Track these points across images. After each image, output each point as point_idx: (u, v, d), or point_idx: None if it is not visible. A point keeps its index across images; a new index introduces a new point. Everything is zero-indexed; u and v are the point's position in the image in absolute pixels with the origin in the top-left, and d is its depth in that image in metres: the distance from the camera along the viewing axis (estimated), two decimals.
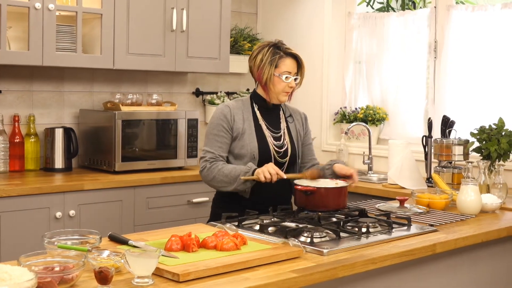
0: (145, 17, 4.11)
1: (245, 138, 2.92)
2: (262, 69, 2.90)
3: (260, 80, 2.93)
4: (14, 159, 3.95)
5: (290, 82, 2.91)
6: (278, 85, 2.91)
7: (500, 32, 3.95)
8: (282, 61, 2.90)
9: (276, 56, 2.89)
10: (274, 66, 2.89)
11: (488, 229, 2.65)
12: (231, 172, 2.80)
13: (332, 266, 2.06)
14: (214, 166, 2.85)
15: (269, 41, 2.99)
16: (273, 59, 2.89)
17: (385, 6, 5.01)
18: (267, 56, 2.90)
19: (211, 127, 2.94)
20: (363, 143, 4.57)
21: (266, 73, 2.89)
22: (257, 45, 3.00)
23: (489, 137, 3.29)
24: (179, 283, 1.84)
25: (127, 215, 3.80)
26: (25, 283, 1.59)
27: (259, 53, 2.93)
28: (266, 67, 2.89)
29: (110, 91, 4.40)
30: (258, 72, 2.92)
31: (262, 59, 2.90)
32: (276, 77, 2.89)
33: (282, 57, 2.90)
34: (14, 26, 3.79)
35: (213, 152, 2.89)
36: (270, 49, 2.91)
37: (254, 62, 2.94)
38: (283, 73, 2.90)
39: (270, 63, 2.89)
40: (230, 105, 2.97)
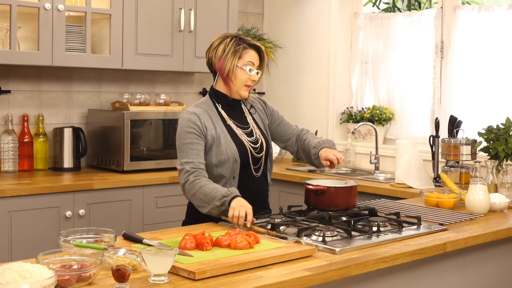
0: (153, 18, 4.13)
1: (222, 144, 2.74)
2: (224, 59, 2.74)
3: (221, 71, 2.76)
4: (23, 158, 3.98)
5: (253, 75, 2.77)
6: (240, 77, 2.76)
7: (506, 32, 3.97)
8: (246, 52, 2.76)
9: (240, 47, 2.75)
10: (237, 57, 2.74)
11: (497, 228, 2.67)
12: (211, 193, 2.57)
13: (345, 264, 2.08)
14: (197, 181, 2.62)
15: (229, 33, 2.84)
16: (236, 50, 2.74)
17: (391, 6, 5.02)
18: (230, 46, 2.74)
19: (181, 137, 2.71)
20: (369, 142, 4.59)
21: (228, 64, 2.73)
22: (216, 37, 2.84)
23: (497, 137, 3.31)
24: (195, 281, 1.86)
25: (136, 214, 3.83)
26: (46, 281, 1.61)
27: (220, 44, 2.77)
28: (229, 57, 2.74)
29: (118, 91, 4.43)
30: (219, 62, 2.75)
31: (224, 49, 2.74)
32: (239, 69, 2.75)
33: (246, 48, 2.77)
34: (23, 27, 3.82)
35: (192, 161, 2.66)
36: (233, 39, 2.77)
37: (215, 52, 2.77)
38: (247, 63, 2.75)
39: (234, 53, 2.74)
40: (196, 112, 2.75)
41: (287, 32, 5.13)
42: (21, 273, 1.61)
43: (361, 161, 4.63)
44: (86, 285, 1.81)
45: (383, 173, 4.30)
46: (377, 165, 4.35)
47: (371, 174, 4.33)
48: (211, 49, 2.80)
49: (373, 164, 4.36)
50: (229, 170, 2.75)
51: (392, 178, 4.03)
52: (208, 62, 2.83)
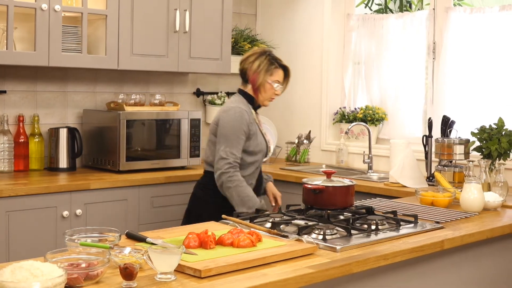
0: (148, 18, 4.16)
1: (257, 137, 3.31)
2: (258, 74, 3.30)
3: (253, 83, 3.32)
4: (18, 158, 3.99)
5: (277, 90, 3.34)
6: (268, 91, 3.33)
7: (497, 34, 4.02)
8: (276, 71, 3.33)
9: (272, 66, 3.31)
10: (269, 74, 3.31)
11: (492, 226, 2.72)
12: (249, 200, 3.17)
13: (346, 262, 2.12)
14: (236, 178, 3.19)
15: (263, 49, 3.42)
16: (269, 68, 3.30)
17: (383, 7, 5.08)
18: (265, 63, 3.31)
19: (235, 129, 3.22)
20: (362, 142, 4.64)
21: (260, 78, 3.30)
22: (252, 51, 3.39)
23: (490, 137, 3.36)
24: (200, 279, 1.89)
25: (132, 214, 3.85)
26: (57, 279, 1.63)
27: (256, 59, 3.31)
28: (262, 73, 3.30)
29: (113, 92, 4.44)
30: (253, 75, 3.31)
31: (259, 65, 3.30)
32: (268, 84, 3.31)
33: (277, 67, 3.33)
34: (19, 27, 3.83)
35: (236, 156, 3.21)
36: (267, 58, 3.32)
37: (250, 66, 3.32)
38: (274, 81, 3.32)
39: (266, 71, 3.30)
40: (247, 110, 3.29)
41: (280, 33, 5.16)
42: (32, 272, 1.63)
43: (354, 161, 4.68)
44: (94, 284, 1.83)
45: (376, 173, 4.35)
46: (370, 165, 4.39)
47: (365, 173, 4.37)
48: (247, 61, 3.35)
49: (366, 163, 4.41)
50: (258, 160, 3.36)
51: (385, 177, 4.08)
52: (242, 71, 3.38)
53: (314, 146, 4.86)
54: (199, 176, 4.11)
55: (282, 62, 3.36)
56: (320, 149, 4.88)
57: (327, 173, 2.84)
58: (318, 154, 4.88)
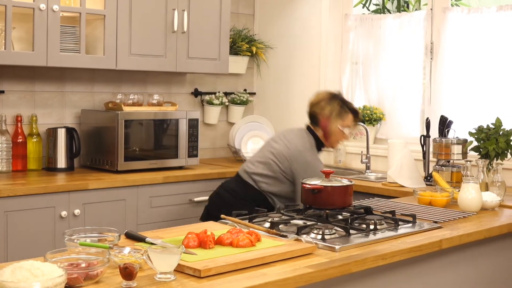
0: (147, 18, 4.16)
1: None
2: (329, 120, 3.38)
3: (325, 129, 3.40)
4: (16, 159, 3.98)
5: (347, 135, 3.45)
6: (338, 136, 3.42)
7: (495, 34, 4.04)
8: (347, 115, 3.40)
9: (343, 111, 3.39)
10: (340, 120, 3.38)
11: (490, 226, 2.73)
12: None
13: (345, 261, 2.13)
14: None
15: (332, 93, 3.47)
16: (340, 113, 3.38)
17: (381, 7, 5.09)
18: (336, 109, 3.38)
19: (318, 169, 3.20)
20: (360, 142, 4.65)
21: (332, 125, 3.38)
22: (322, 96, 3.45)
23: (488, 137, 3.37)
24: (200, 279, 1.90)
25: (130, 214, 3.85)
26: (57, 279, 1.64)
27: (328, 105, 3.39)
28: (334, 119, 3.37)
29: (111, 92, 4.45)
30: (325, 121, 3.38)
31: (331, 111, 3.38)
32: (339, 129, 3.39)
33: (347, 112, 3.40)
34: (17, 27, 3.82)
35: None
36: (338, 103, 3.39)
37: (322, 111, 3.39)
38: (345, 126, 3.40)
39: (338, 116, 3.37)
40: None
41: (278, 33, 5.17)
42: (32, 271, 1.64)
43: (352, 160, 4.69)
44: (94, 283, 1.83)
45: (374, 173, 4.36)
46: (368, 165, 4.40)
47: (362, 173, 4.38)
48: (318, 106, 3.42)
49: (364, 163, 4.42)
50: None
51: (383, 177, 4.09)
52: (312, 114, 3.44)
53: None
54: (197, 176, 4.16)
55: (352, 106, 3.43)
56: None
57: (325, 172, 2.84)
58: None
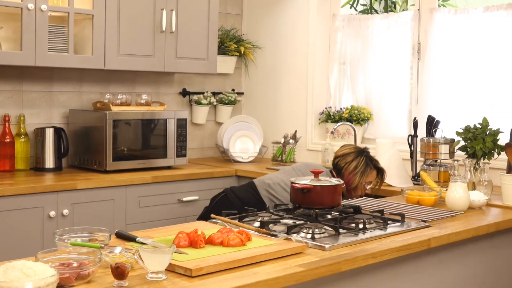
0: (135, 18, 4.15)
1: None
2: (354, 175, 3.36)
3: (348, 184, 3.37)
4: (4, 159, 3.97)
5: (368, 190, 3.43)
6: (360, 191, 3.41)
7: (482, 34, 4.07)
8: (371, 172, 3.40)
9: (368, 168, 3.38)
10: (364, 176, 3.37)
11: (477, 225, 2.76)
12: None
13: (336, 260, 2.14)
14: None
15: (359, 148, 3.47)
16: (365, 171, 3.37)
17: (368, 8, 5.11)
18: (362, 166, 3.37)
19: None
20: (348, 142, 4.66)
21: (356, 181, 3.36)
22: (349, 149, 3.45)
23: (475, 136, 3.40)
24: (191, 278, 1.90)
25: (119, 214, 3.85)
26: (49, 279, 1.64)
27: (354, 160, 3.38)
28: (358, 175, 3.36)
29: (99, 91, 4.44)
30: (349, 175, 3.37)
31: (356, 166, 3.37)
32: (362, 185, 3.39)
33: (372, 169, 3.40)
34: (5, 27, 3.81)
35: None
36: (364, 159, 3.39)
37: (347, 166, 3.38)
38: (368, 182, 3.41)
39: (362, 173, 3.37)
40: None
41: (266, 33, 5.18)
42: (24, 271, 1.64)
43: None
44: (85, 283, 1.83)
45: None
46: None
47: None
48: (344, 160, 3.41)
49: None
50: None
51: None
52: (337, 165, 3.44)
53: (300, 146, 4.88)
54: (186, 176, 4.16)
55: (378, 165, 3.44)
56: (306, 149, 4.90)
57: (314, 172, 2.85)
58: (304, 153, 4.90)
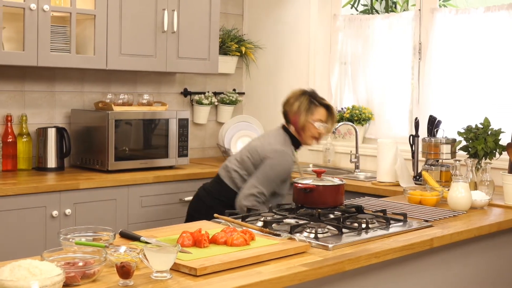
0: (137, 18, 4.16)
1: (287, 182, 3.37)
2: (298, 115, 3.32)
3: (295, 124, 3.35)
4: (6, 158, 3.98)
5: (320, 129, 3.35)
6: (310, 131, 3.34)
7: (483, 34, 4.08)
8: (317, 109, 3.34)
9: (312, 106, 3.33)
10: (310, 114, 3.32)
11: (480, 224, 2.77)
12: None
13: (339, 260, 2.15)
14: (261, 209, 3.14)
15: (303, 89, 3.42)
16: (309, 107, 3.32)
17: (369, 8, 5.12)
18: (304, 104, 3.33)
19: (276, 173, 3.28)
20: (349, 142, 4.68)
21: (302, 119, 3.32)
22: (292, 93, 3.41)
23: (476, 136, 3.41)
24: (196, 277, 1.91)
25: (121, 213, 3.86)
26: (55, 278, 1.65)
27: (296, 101, 3.35)
28: (302, 113, 3.31)
29: (101, 91, 4.45)
30: (294, 117, 3.34)
31: (299, 106, 3.33)
32: (310, 124, 3.32)
33: (317, 106, 3.35)
34: (8, 27, 3.81)
35: (267, 196, 3.28)
36: (306, 97, 3.35)
37: (290, 108, 3.35)
38: (316, 120, 3.32)
39: (306, 110, 3.31)
40: (293, 156, 3.36)
41: (267, 33, 5.19)
42: (31, 270, 1.65)
43: (340, 160, 4.71)
44: (91, 282, 1.84)
45: (363, 172, 4.39)
46: (357, 164, 4.43)
47: (351, 173, 4.41)
48: (287, 104, 3.38)
49: (353, 163, 4.45)
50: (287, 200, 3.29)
51: (372, 176, 4.12)
52: (284, 112, 3.41)
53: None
54: (188, 176, 4.16)
55: (323, 101, 3.37)
56: (307, 149, 4.90)
57: (317, 172, 2.86)
58: (305, 153, 4.91)
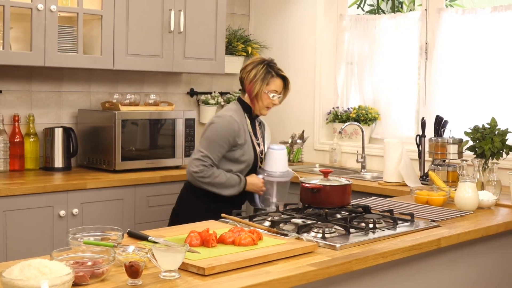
0: (144, 18, 4.17)
1: (245, 148, 3.25)
2: (254, 83, 3.23)
3: (250, 92, 3.26)
4: (14, 158, 3.99)
5: (275, 100, 3.27)
6: (264, 101, 3.25)
7: (489, 34, 4.07)
8: (273, 80, 3.25)
9: (269, 75, 3.24)
10: (265, 84, 3.23)
11: (487, 224, 2.77)
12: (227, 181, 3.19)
13: (347, 259, 2.15)
14: (211, 172, 3.18)
15: (262, 58, 3.31)
16: (265, 77, 3.23)
17: (375, 8, 5.12)
18: (261, 73, 3.23)
19: (218, 135, 3.19)
20: (355, 142, 4.68)
21: (256, 88, 3.23)
22: (251, 60, 3.31)
23: (483, 136, 3.41)
24: (204, 277, 1.92)
25: (128, 213, 3.87)
26: (65, 277, 1.65)
27: (253, 69, 3.25)
28: (258, 82, 3.22)
29: (107, 92, 4.46)
30: (250, 85, 3.25)
31: (256, 74, 3.23)
32: (264, 94, 3.24)
33: (274, 76, 3.25)
34: (15, 27, 3.83)
35: (213, 160, 3.19)
36: (264, 67, 3.24)
37: (247, 75, 3.26)
38: (271, 91, 3.24)
39: (262, 80, 3.22)
40: (237, 119, 3.23)
41: (273, 33, 5.19)
42: (41, 270, 1.65)
43: (347, 160, 4.71)
44: (99, 281, 1.85)
45: (369, 172, 4.39)
46: (364, 164, 4.43)
47: (358, 173, 4.41)
48: (244, 70, 3.29)
49: (359, 163, 4.45)
50: (243, 170, 3.29)
51: (378, 176, 4.12)
52: (240, 80, 3.32)
53: (308, 146, 4.90)
54: None
55: (280, 72, 3.28)
56: (314, 149, 4.91)
57: (324, 172, 2.86)
58: (311, 153, 4.92)
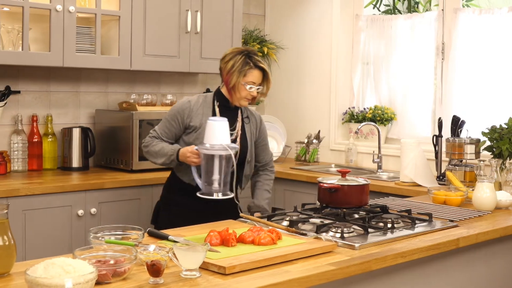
0: (161, 19, 4.20)
1: (200, 132, 3.12)
2: (231, 74, 3.11)
3: (227, 83, 3.15)
4: (32, 158, 4.03)
5: (252, 92, 3.13)
6: (241, 92, 3.12)
7: (506, 34, 4.06)
8: (251, 71, 3.11)
9: (246, 67, 3.10)
10: (242, 75, 3.10)
11: (505, 225, 2.76)
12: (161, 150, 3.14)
13: (366, 259, 2.16)
14: (151, 141, 3.20)
15: (242, 49, 3.21)
16: (242, 69, 3.10)
17: (391, 8, 5.11)
18: (238, 64, 3.10)
19: (169, 113, 3.22)
20: (371, 142, 4.68)
21: (233, 80, 3.10)
22: (230, 50, 3.21)
23: (501, 136, 3.40)
24: (225, 276, 1.93)
25: (145, 213, 3.88)
26: (88, 275, 1.67)
27: (231, 59, 3.13)
28: (235, 74, 3.10)
29: (125, 92, 4.49)
30: (227, 75, 3.13)
31: (233, 65, 3.11)
32: (241, 85, 3.11)
33: (251, 68, 3.11)
34: (34, 28, 3.87)
35: (159, 134, 3.20)
36: (242, 57, 3.12)
37: (225, 65, 3.15)
38: (248, 82, 3.11)
39: (239, 72, 3.10)
40: (192, 101, 3.20)
41: (289, 34, 5.20)
42: (64, 268, 1.67)
43: (363, 160, 4.71)
44: (121, 280, 1.87)
45: (385, 172, 4.39)
46: (380, 164, 4.43)
47: (374, 173, 4.41)
48: (223, 60, 3.18)
49: (375, 163, 4.44)
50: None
51: (395, 176, 4.12)
52: (220, 69, 3.21)
53: (323, 146, 4.91)
54: None
55: (258, 63, 3.13)
56: (329, 149, 4.92)
57: (342, 172, 2.87)
58: (327, 153, 4.92)
